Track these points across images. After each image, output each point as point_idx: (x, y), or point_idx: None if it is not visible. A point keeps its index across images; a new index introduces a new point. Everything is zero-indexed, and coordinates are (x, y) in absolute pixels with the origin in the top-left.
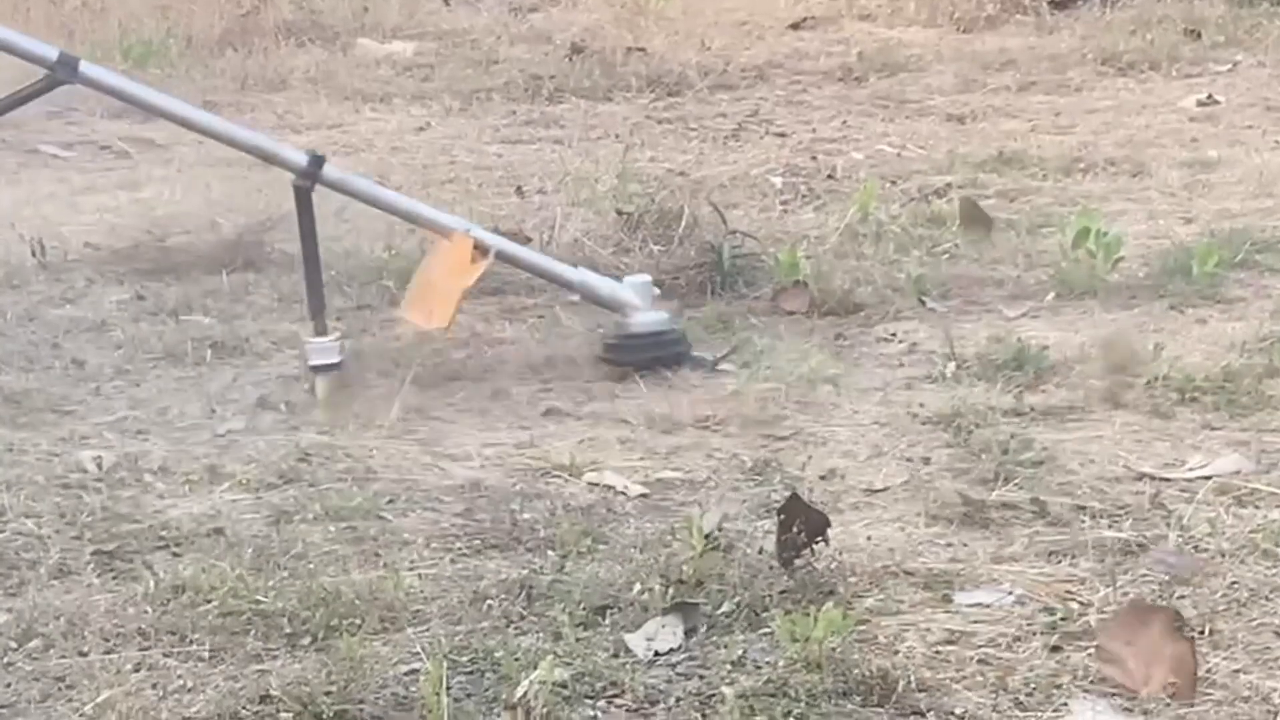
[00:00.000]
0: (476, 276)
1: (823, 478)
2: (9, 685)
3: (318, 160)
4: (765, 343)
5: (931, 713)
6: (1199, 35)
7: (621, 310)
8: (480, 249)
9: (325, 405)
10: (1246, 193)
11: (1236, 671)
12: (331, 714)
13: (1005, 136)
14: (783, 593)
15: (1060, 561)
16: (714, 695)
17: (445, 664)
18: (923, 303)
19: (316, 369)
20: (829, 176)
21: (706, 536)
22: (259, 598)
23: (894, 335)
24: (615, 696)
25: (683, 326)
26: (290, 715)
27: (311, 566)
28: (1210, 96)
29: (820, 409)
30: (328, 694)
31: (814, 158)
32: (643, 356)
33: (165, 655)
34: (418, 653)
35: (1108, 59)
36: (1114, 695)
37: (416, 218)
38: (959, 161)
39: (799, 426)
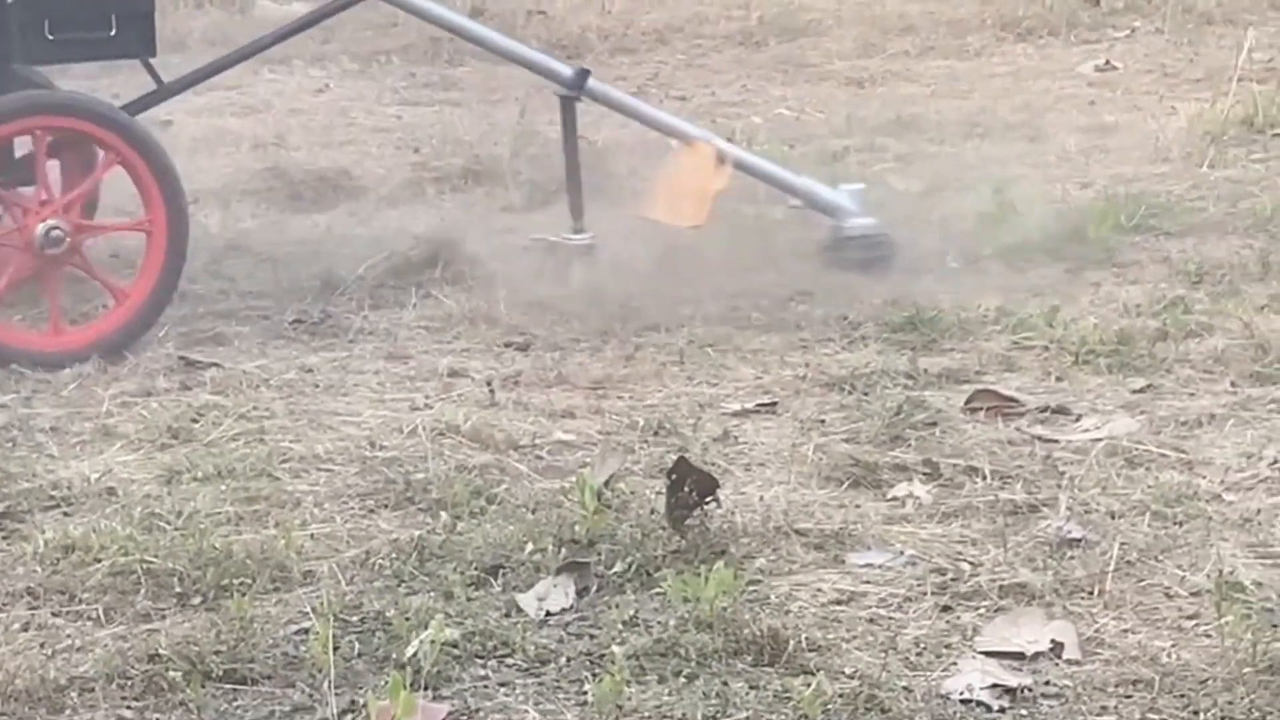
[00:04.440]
0: (724, 179)
1: (716, 439)
2: None
3: (583, 74)
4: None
5: (822, 672)
6: (1098, 1)
7: (837, 215)
8: (720, 157)
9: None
10: (1142, 157)
11: (1125, 631)
12: (221, 673)
13: (904, 101)
14: (674, 553)
15: (952, 523)
16: (605, 655)
17: (335, 623)
18: None
19: (580, 251)
20: (728, 140)
21: (598, 496)
22: (149, 557)
23: (791, 300)
24: (506, 656)
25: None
26: (179, 674)
27: (202, 526)
28: (1108, 62)
29: (715, 371)
30: (217, 653)
31: (714, 121)
32: (859, 256)
33: (54, 614)
34: (308, 612)
35: (1007, 24)
36: (1003, 655)
37: (667, 127)
38: (857, 125)
39: (693, 390)
